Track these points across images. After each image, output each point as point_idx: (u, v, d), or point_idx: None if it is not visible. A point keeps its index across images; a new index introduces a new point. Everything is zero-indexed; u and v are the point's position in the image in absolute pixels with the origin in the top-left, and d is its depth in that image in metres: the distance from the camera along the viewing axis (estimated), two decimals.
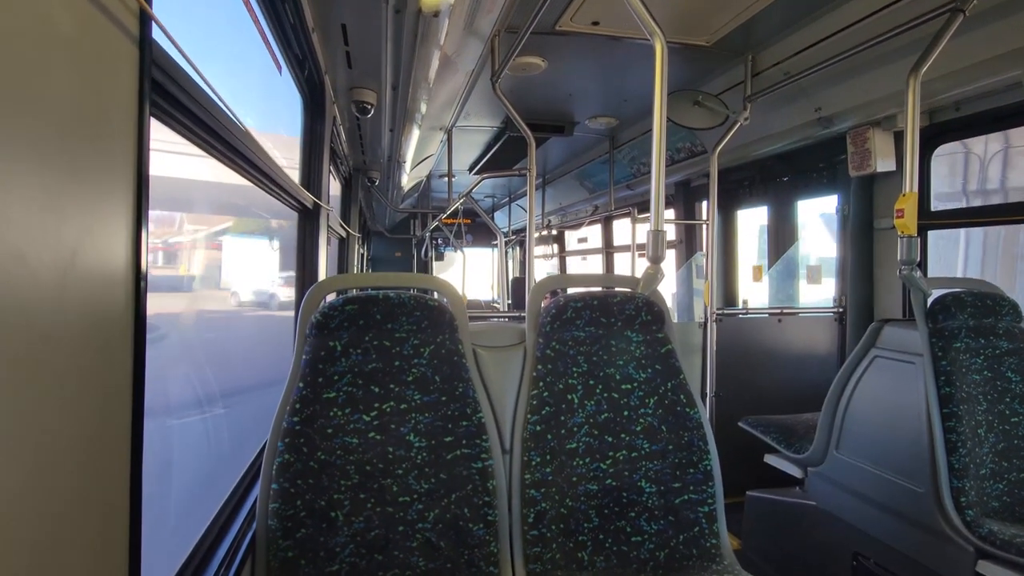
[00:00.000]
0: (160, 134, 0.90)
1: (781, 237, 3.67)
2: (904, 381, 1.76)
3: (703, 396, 2.95)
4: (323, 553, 1.14)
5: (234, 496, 1.26)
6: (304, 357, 1.22)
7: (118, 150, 0.63)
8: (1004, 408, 1.66)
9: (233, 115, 1.17)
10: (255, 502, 1.15)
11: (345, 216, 4.55)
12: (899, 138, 2.56)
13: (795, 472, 2.18)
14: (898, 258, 1.79)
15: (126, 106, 0.65)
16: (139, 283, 0.66)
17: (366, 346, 1.26)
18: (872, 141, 2.63)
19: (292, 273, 2.34)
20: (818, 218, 3.65)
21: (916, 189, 1.80)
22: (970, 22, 1.74)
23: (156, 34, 0.71)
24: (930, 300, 1.77)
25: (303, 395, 1.19)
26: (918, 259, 1.78)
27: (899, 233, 1.77)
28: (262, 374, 2.22)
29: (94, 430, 0.59)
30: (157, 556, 0.88)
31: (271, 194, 1.78)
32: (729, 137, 2.86)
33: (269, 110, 2.27)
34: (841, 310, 3.05)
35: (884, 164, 2.63)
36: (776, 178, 3.62)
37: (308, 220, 2.30)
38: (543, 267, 8.48)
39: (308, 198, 2.19)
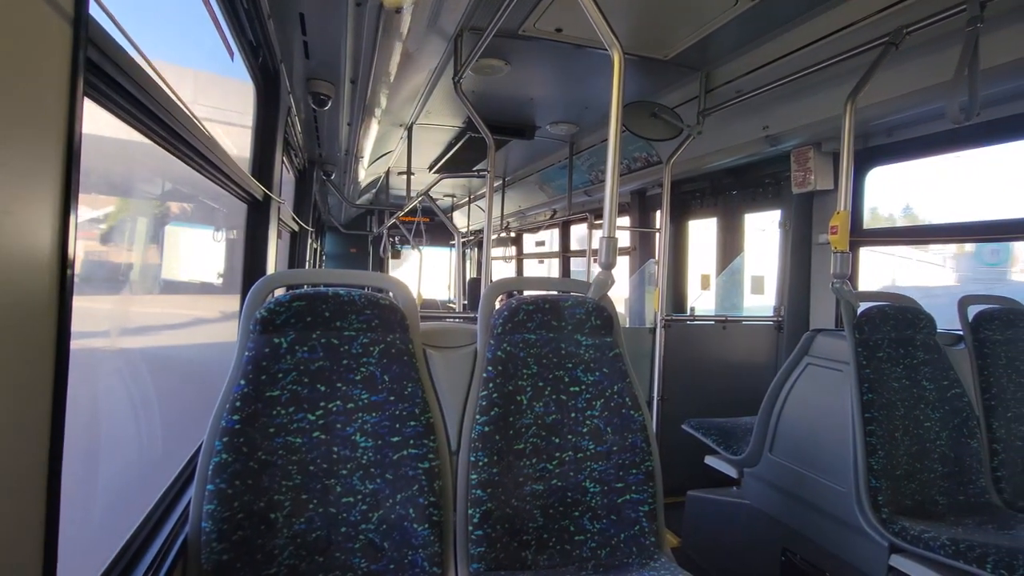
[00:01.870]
0: None
1: (728, 248, 3.83)
2: (832, 387, 1.87)
3: (650, 399, 3.04)
4: (260, 556, 1.11)
5: (166, 498, 1.20)
6: (247, 354, 1.18)
7: (46, 132, 0.59)
8: (919, 414, 1.80)
9: (178, 99, 1.12)
10: (189, 504, 1.11)
11: (298, 209, 4.42)
12: (837, 159, 2.72)
13: (732, 473, 2.28)
14: (831, 272, 1.91)
15: (56, 86, 0.61)
16: (65, 271, 0.63)
17: (313, 344, 1.24)
18: (813, 161, 2.80)
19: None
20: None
21: (849, 208, 1.92)
22: (902, 55, 1.88)
23: (94, 11, 0.68)
24: (858, 312, 1.90)
25: (244, 393, 1.15)
26: (849, 273, 1.91)
27: (832, 249, 1.89)
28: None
29: (8, 432, 0.55)
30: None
31: (218, 183, 1.71)
32: (683, 149, 2.96)
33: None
34: (780, 319, 3.21)
35: (823, 183, 2.80)
36: (726, 191, 3.78)
37: (257, 212, 2.23)
38: (503, 269, 8.51)
39: (258, 189, 2.12)
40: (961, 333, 2.03)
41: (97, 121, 0.88)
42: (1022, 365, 1.97)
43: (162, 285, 1.66)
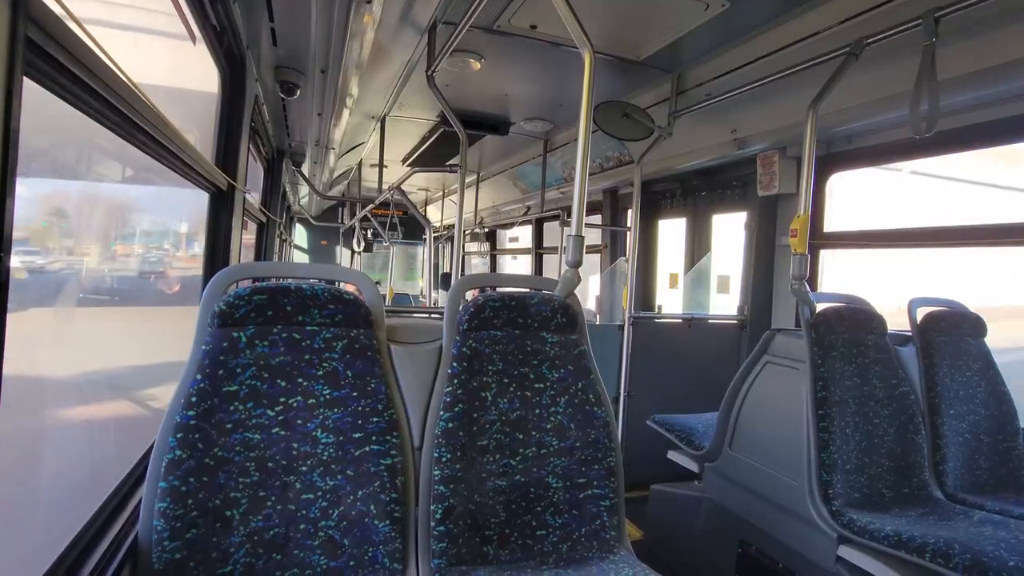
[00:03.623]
0: None
1: (697, 248, 3.91)
2: (789, 385, 1.94)
3: (617, 395, 3.08)
4: (215, 554, 1.09)
5: (115, 496, 1.16)
6: (204, 348, 1.16)
7: None
8: (868, 411, 1.87)
9: (132, 83, 1.08)
10: (140, 502, 1.08)
11: (266, 200, 4.32)
12: (800, 164, 2.80)
13: (694, 468, 2.34)
14: (791, 273, 1.97)
15: None
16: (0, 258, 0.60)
17: (274, 338, 1.21)
18: (778, 165, 2.87)
19: None
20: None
21: (809, 212, 1.98)
22: (863, 65, 1.94)
23: None
24: (815, 312, 1.96)
25: (200, 388, 1.13)
26: (807, 275, 1.97)
27: (792, 251, 1.95)
28: None
29: None
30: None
31: (178, 172, 1.66)
32: (654, 149, 3.01)
33: None
34: (743, 318, 3.30)
35: (787, 187, 2.87)
36: (695, 192, 3.85)
37: (221, 203, 2.17)
38: (479, 265, 8.49)
39: (222, 179, 2.06)
40: (910, 334, 2.12)
41: None
42: (964, 365, 2.07)
43: None
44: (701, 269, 3.87)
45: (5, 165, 0.60)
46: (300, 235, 9.53)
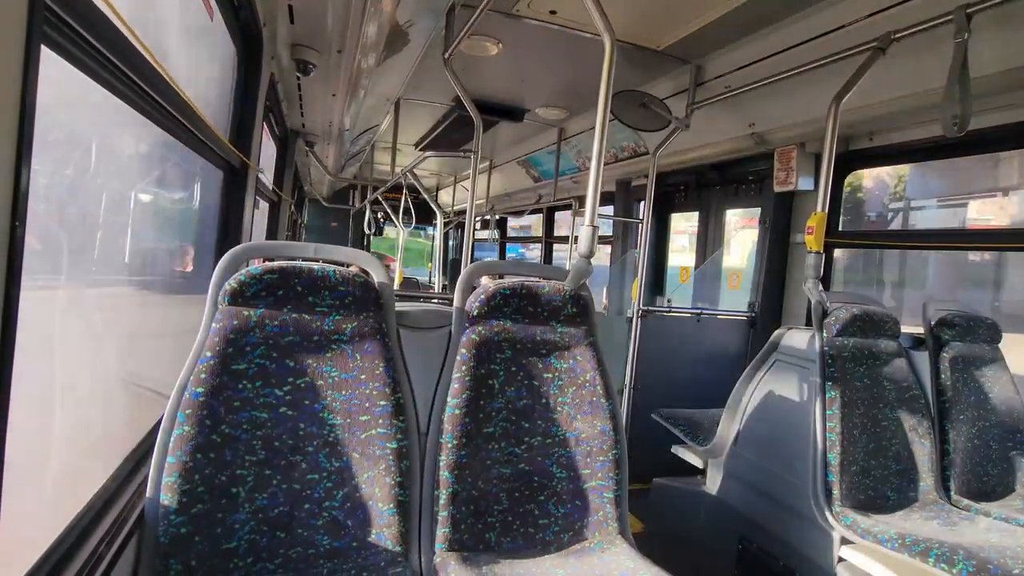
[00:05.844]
0: None
1: (709, 243, 3.87)
2: (798, 384, 1.92)
3: (623, 388, 3.08)
4: (220, 529, 1.10)
5: (123, 469, 1.18)
6: (214, 325, 1.16)
7: None
8: (877, 413, 1.86)
9: (151, 56, 1.07)
10: (146, 476, 1.09)
11: (278, 180, 4.32)
12: (819, 160, 2.75)
13: (698, 463, 2.34)
14: (805, 271, 1.94)
15: (10, 36, 0.58)
16: (15, 228, 0.60)
17: (284, 318, 1.22)
18: (796, 160, 2.82)
19: None
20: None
21: (827, 210, 1.95)
22: (889, 61, 1.89)
23: None
24: (828, 312, 1.93)
25: (210, 365, 1.13)
26: (821, 273, 1.94)
27: (807, 248, 1.92)
28: None
29: None
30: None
31: (193, 149, 1.65)
32: (670, 141, 2.96)
33: None
34: (753, 314, 3.27)
35: (804, 183, 2.83)
36: (709, 186, 3.80)
37: (234, 180, 2.17)
38: (489, 252, 8.46)
39: (235, 156, 2.06)
40: (923, 337, 2.09)
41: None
42: (976, 370, 2.04)
43: None
44: (713, 264, 3.83)
45: (21, 141, 0.60)
46: (312, 216, 9.55)
